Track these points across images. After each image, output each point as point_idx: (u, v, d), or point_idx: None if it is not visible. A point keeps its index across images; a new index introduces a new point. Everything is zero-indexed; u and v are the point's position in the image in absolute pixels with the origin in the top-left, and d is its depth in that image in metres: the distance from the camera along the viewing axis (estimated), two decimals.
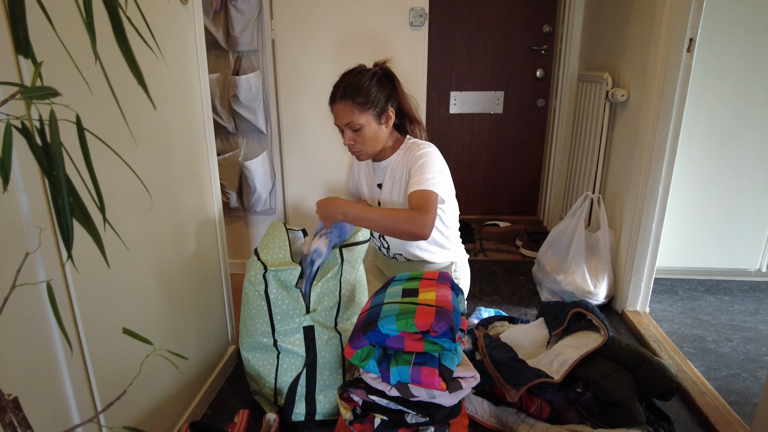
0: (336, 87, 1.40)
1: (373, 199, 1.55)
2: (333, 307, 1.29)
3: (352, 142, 1.41)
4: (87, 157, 0.45)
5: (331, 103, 1.41)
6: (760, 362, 1.56)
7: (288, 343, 1.26)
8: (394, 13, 1.84)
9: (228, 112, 1.95)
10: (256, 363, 1.30)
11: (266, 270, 1.22)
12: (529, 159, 3.03)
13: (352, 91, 1.35)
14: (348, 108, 1.36)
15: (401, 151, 1.47)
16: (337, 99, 1.38)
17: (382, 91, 1.39)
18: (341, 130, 1.42)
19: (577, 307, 1.40)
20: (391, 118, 1.43)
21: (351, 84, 1.36)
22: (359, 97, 1.35)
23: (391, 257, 1.60)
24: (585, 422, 1.23)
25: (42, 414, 0.78)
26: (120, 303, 0.97)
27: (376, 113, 1.39)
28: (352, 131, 1.39)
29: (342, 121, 1.38)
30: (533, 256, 2.37)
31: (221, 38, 1.87)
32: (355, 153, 1.44)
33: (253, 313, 1.26)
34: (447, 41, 2.86)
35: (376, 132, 1.40)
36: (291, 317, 1.25)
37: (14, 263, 0.69)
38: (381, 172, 1.51)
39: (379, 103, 1.38)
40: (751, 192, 1.98)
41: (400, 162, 1.46)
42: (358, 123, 1.37)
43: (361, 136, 1.39)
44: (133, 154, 0.98)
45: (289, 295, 1.24)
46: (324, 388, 1.29)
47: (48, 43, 0.70)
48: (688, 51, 1.58)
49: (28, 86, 0.41)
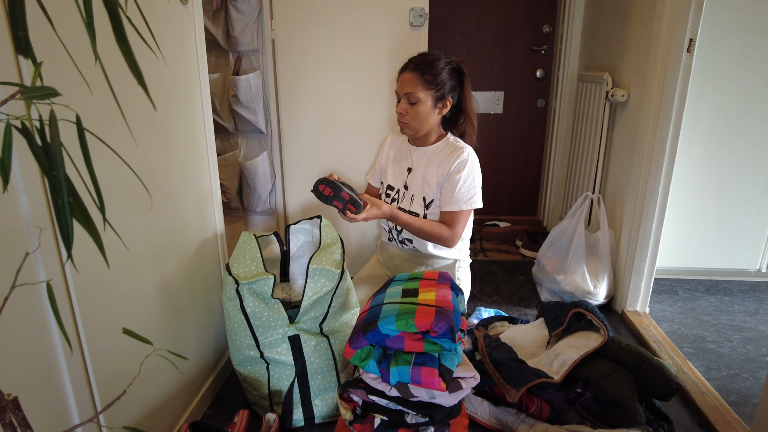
0: (411, 59, 1.48)
1: (400, 181, 1.59)
2: (319, 317, 1.28)
3: (403, 112, 1.47)
4: (87, 157, 0.45)
5: (401, 72, 1.48)
6: (759, 362, 1.56)
7: (275, 353, 1.25)
8: (394, 13, 1.83)
9: (228, 112, 1.95)
10: (248, 375, 1.30)
11: (238, 284, 1.19)
12: (529, 159, 3.03)
13: (424, 66, 1.43)
14: (414, 79, 1.43)
15: (443, 143, 1.53)
16: (408, 68, 1.46)
17: (450, 80, 1.46)
18: (399, 99, 1.48)
19: (576, 308, 1.40)
20: (446, 107, 1.49)
21: (425, 61, 1.44)
22: (428, 75, 1.43)
23: (399, 241, 1.62)
24: (585, 422, 1.23)
25: (42, 414, 0.78)
26: (120, 303, 0.96)
27: (437, 96, 1.45)
28: (409, 103, 1.45)
29: (404, 89, 1.45)
30: (533, 257, 2.37)
31: (221, 38, 1.87)
32: (402, 124, 1.50)
33: (235, 327, 1.24)
34: (447, 41, 2.86)
35: (428, 112, 1.46)
36: (273, 328, 1.23)
37: (14, 263, 0.69)
38: (417, 156, 1.56)
39: (442, 88, 1.45)
40: (751, 192, 1.98)
41: (438, 154, 1.51)
42: (417, 96, 1.43)
43: (415, 110, 1.45)
44: (133, 154, 0.98)
45: (268, 307, 1.22)
46: (319, 392, 1.29)
47: (48, 43, 0.70)
48: (688, 51, 1.58)
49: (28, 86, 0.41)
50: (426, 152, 1.54)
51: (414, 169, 1.55)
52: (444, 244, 1.49)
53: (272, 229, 2.20)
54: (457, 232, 1.48)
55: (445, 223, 1.48)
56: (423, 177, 1.52)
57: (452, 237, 1.47)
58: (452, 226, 1.47)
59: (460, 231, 1.49)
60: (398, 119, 1.50)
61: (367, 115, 1.93)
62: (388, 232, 1.65)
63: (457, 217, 1.47)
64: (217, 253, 1.43)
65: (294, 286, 1.46)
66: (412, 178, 1.56)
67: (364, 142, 1.92)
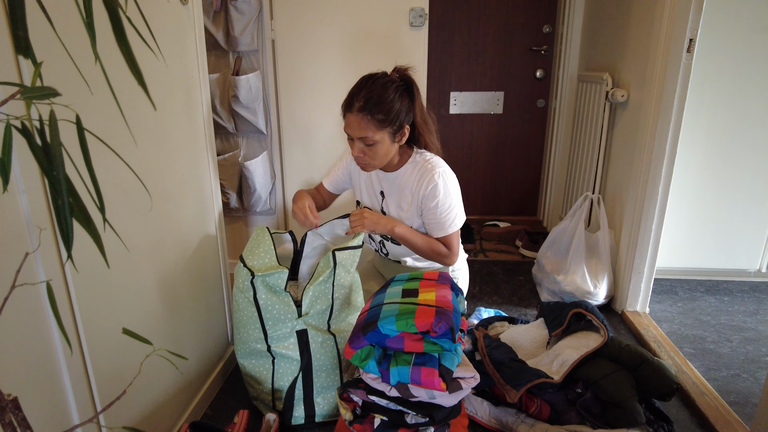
0: (355, 95, 1.32)
1: (375, 206, 1.54)
2: (326, 311, 1.28)
3: (362, 155, 1.35)
4: (87, 157, 0.45)
5: (347, 110, 1.33)
6: (759, 363, 1.56)
7: (282, 348, 1.25)
8: (394, 13, 1.84)
9: (228, 112, 1.95)
10: (252, 369, 1.30)
11: (253, 276, 1.20)
12: (529, 159, 3.03)
13: (372, 105, 1.28)
14: (365, 122, 1.29)
15: (410, 165, 1.43)
16: (354, 110, 1.30)
17: (402, 107, 1.33)
18: (351, 139, 1.36)
19: (576, 308, 1.40)
20: (405, 136, 1.38)
21: (373, 98, 1.29)
22: (379, 114, 1.29)
23: (389, 259, 1.62)
24: (585, 423, 1.23)
25: (42, 414, 0.78)
26: (120, 303, 0.96)
27: (392, 131, 1.33)
28: (364, 145, 1.33)
29: (356, 133, 1.32)
30: (533, 257, 2.37)
31: (221, 38, 1.87)
32: (362, 165, 1.40)
33: (245, 320, 1.25)
34: (447, 41, 2.86)
35: (388, 149, 1.36)
36: (283, 322, 1.24)
37: (14, 263, 0.69)
38: (387, 182, 1.48)
39: (397, 120, 1.32)
40: (751, 192, 1.98)
41: (410, 178, 1.42)
42: (373, 139, 1.31)
43: (373, 151, 1.34)
44: (133, 154, 0.98)
45: (279, 299, 1.22)
46: (322, 390, 1.29)
47: (48, 43, 0.70)
48: (688, 51, 1.58)
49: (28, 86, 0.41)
50: (395, 178, 1.45)
51: (387, 195, 1.49)
52: (444, 263, 1.49)
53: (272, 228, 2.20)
54: (454, 252, 1.47)
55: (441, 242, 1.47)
56: (399, 205, 1.46)
57: (451, 256, 1.47)
58: (449, 248, 1.46)
59: (457, 248, 1.48)
60: (356, 161, 1.40)
61: None
62: (376, 252, 1.65)
63: (450, 239, 1.45)
64: (217, 253, 1.43)
65: (302, 285, 1.47)
66: (387, 204, 1.50)
67: None
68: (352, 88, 1.35)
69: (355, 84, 1.35)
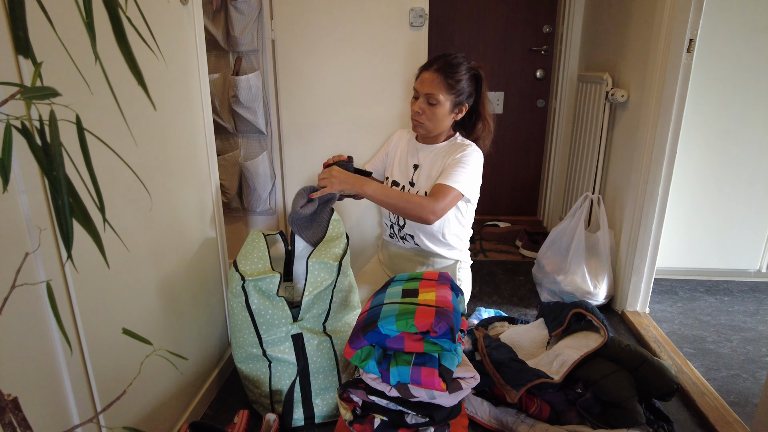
0: (436, 57, 1.45)
1: (405, 177, 1.59)
2: (322, 314, 1.28)
3: (420, 111, 1.45)
4: (87, 157, 0.45)
5: (424, 69, 1.46)
6: (759, 363, 1.56)
7: (277, 352, 1.25)
8: (394, 14, 1.83)
9: (228, 113, 1.95)
10: (249, 372, 1.30)
11: (244, 280, 1.20)
12: (529, 159, 3.03)
13: (448, 69, 1.42)
14: (438, 81, 1.42)
15: (448, 142, 1.55)
16: (432, 68, 1.43)
17: (468, 87, 1.47)
18: (416, 96, 1.47)
19: (576, 308, 1.40)
20: (462, 113, 1.50)
21: (450, 63, 1.43)
22: (451, 79, 1.42)
23: (401, 237, 1.61)
24: (585, 423, 1.23)
25: (42, 414, 0.78)
26: (120, 303, 0.96)
27: (455, 101, 1.46)
28: (428, 103, 1.44)
29: (425, 88, 1.43)
30: (533, 257, 2.37)
31: (221, 38, 1.87)
32: (417, 122, 1.49)
33: (239, 324, 1.25)
34: (447, 42, 2.86)
35: (445, 115, 1.47)
36: (277, 326, 1.23)
37: (14, 263, 0.69)
38: (424, 153, 1.56)
39: (462, 93, 1.45)
40: (751, 192, 1.98)
41: (442, 152, 1.52)
42: (437, 98, 1.42)
43: (432, 111, 1.44)
44: (133, 154, 0.98)
45: (272, 304, 1.22)
46: (320, 391, 1.29)
47: (48, 43, 0.70)
48: (688, 51, 1.58)
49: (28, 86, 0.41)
50: (433, 149, 1.55)
51: (421, 166, 1.56)
52: (422, 214, 1.38)
53: (272, 228, 2.20)
54: (438, 206, 1.38)
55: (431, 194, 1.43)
56: (430, 173, 1.52)
57: (432, 208, 1.37)
58: (436, 198, 1.38)
59: (442, 207, 1.39)
60: (413, 117, 1.49)
61: (367, 116, 1.93)
62: (390, 228, 1.64)
63: (443, 190, 1.39)
64: (217, 253, 1.43)
65: (297, 286, 1.46)
66: (418, 175, 1.56)
67: (365, 142, 1.92)
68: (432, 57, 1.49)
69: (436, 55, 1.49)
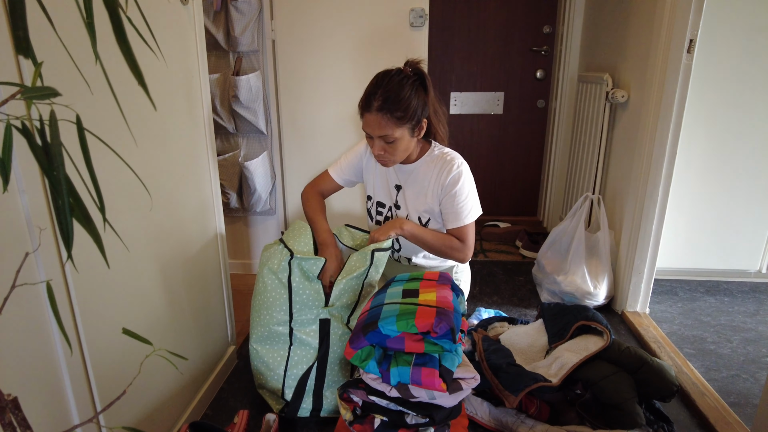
0: (372, 95, 1.31)
1: (389, 199, 1.53)
2: (350, 305, 1.31)
3: (382, 152, 1.36)
4: (87, 157, 0.45)
5: (364, 110, 1.33)
6: (760, 363, 1.56)
7: (303, 333, 1.28)
8: (394, 14, 1.84)
9: (228, 113, 1.95)
10: (265, 354, 1.30)
11: (292, 257, 1.24)
12: (529, 160, 3.03)
13: (391, 104, 1.29)
14: (384, 121, 1.30)
15: (428, 158, 1.45)
16: (373, 109, 1.30)
17: (419, 103, 1.34)
18: (370, 137, 1.37)
19: (580, 320, 1.38)
20: (423, 129, 1.39)
21: (390, 96, 1.29)
22: (398, 111, 1.29)
23: (395, 259, 1.61)
24: (585, 423, 1.22)
25: (42, 414, 0.78)
26: (120, 303, 0.96)
27: (411, 126, 1.34)
28: (385, 143, 1.34)
29: (376, 132, 1.33)
30: (533, 257, 2.37)
31: (221, 38, 1.87)
32: (383, 162, 1.40)
33: (271, 301, 1.27)
34: (447, 42, 2.86)
35: (408, 144, 1.37)
36: (309, 308, 1.27)
37: (14, 263, 0.69)
38: (404, 174, 1.48)
39: (415, 116, 1.33)
40: (751, 192, 1.98)
41: (429, 171, 1.44)
42: (393, 137, 1.32)
43: (393, 147, 1.35)
44: (133, 154, 0.98)
45: (311, 286, 1.26)
46: (332, 384, 1.30)
47: (48, 43, 0.70)
48: (688, 52, 1.58)
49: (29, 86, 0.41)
50: (413, 170, 1.46)
51: (404, 188, 1.49)
52: (458, 258, 1.45)
53: (272, 229, 2.20)
54: (468, 245, 1.43)
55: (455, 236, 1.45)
56: (417, 196, 1.46)
57: (465, 250, 1.43)
58: (463, 241, 1.43)
59: (471, 243, 1.44)
60: (377, 158, 1.40)
61: None
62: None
63: (465, 231, 1.43)
64: (217, 254, 1.43)
65: None
66: (403, 197, 1.49)
67: None
68: (367, 87, 1.34)
69: (371, 83, 1.35)
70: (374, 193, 1.56)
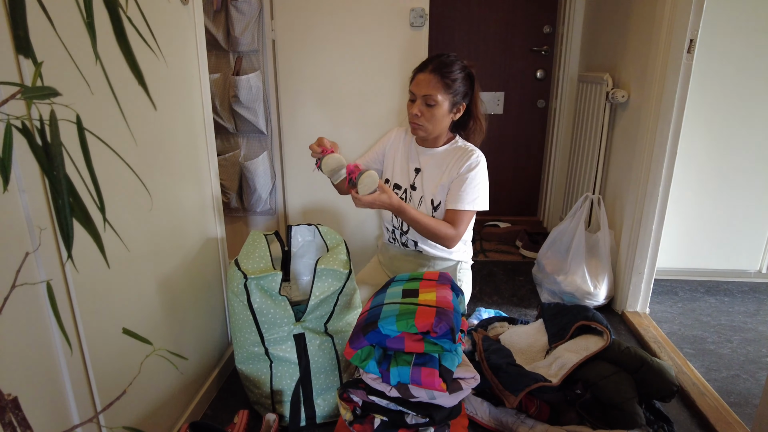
0: (429, 60, 1.45)
1: (407, 180, 1.57)
2: (325, 315, 1.28)
3: (419, 114, 1.44)
4: (87, 157, 0.45)
5: (418, 71, 1.45)
6: (760, 363, 1.56)
7: (279, 350, 1.25)
8: (394, 14, 1.83)
9: (228, 113, 1.95)
10: (250, 373, 1.30)
11: (246, 279, 1.19)
12: (529, 160, 3.03)
13: (444, 69, 1.41)
14: (434, 81, 1.40)
15: (450, 146, 1.53)
16: (428, 69, 1.42)
17: (463, 86, 1.45)
18: (412, 99, 1.45)
19: (580, 320, 1.38)
20: (460, 112, 1.49)
21: (445, 63, 1.42)
22: (447, 78, 1.41)
23: (402, 243, 1.61)
24: (585, 423, 1.22)
25: (42, 414, 0.78)
26: (120, 303, 0.96)
27: (453, 101, 1.44)
28: (426, 105, 1.42)
29: (422, 90, 1.42)
30: (533, 257, 2.37)
31: (221, 38, 1.87)
32: (416, 125, 1.47)
33: (241, 323, 1.25)
34: (447, 42, 2.86)
35: (444, 116, 1.45)
36: (279, 326, 1.23)
37: (14, 263, 0.69)
38: (425, 157, 1.55)
39: (458, 93, 1.44)
40: (751, 193, 1.98)
41: (448, 157, 1.51)
42: (435, 99, 1.41)
43: (431, 113, 1.43)
44: (133, 154, 0.98)
45: (275, 303, 1.22)
46: (321, 391, 1.29)
47: (48, 43, 0.70)
48: (689, 52, 1.58)
49: (29, 86, 0.41)
50: (434, 154, 1.53)
51: (423, 170, 1.54)
52: (444, 243, 1.46)
53: (273, 229, 2.20)
54: (459, 232, 1.45)
55: (448, 221, 1.46)
56: (434, 179, 1.50)
57: (454, 236, 1.45)
58: (455, 225, 1.44)
59: (462, 231, 1.46)
60: (411, 120, 1.47)
61: (367, 115, 1.93)
62: (390, 233, 1.64)
63: (461, 216, 1.45)
64: (217, 253, 1.43)
65: (294, 285, 1.46)
66: (421, 179, 1.54)
67: (365, 142, 1.92)
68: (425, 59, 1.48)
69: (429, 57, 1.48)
70: (392, 176, 1.62)
